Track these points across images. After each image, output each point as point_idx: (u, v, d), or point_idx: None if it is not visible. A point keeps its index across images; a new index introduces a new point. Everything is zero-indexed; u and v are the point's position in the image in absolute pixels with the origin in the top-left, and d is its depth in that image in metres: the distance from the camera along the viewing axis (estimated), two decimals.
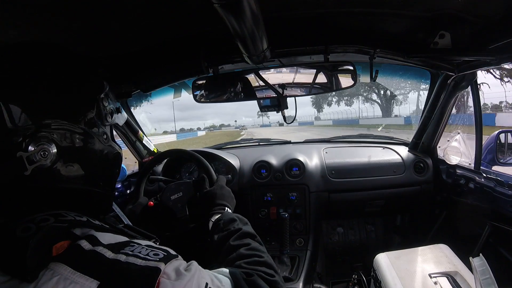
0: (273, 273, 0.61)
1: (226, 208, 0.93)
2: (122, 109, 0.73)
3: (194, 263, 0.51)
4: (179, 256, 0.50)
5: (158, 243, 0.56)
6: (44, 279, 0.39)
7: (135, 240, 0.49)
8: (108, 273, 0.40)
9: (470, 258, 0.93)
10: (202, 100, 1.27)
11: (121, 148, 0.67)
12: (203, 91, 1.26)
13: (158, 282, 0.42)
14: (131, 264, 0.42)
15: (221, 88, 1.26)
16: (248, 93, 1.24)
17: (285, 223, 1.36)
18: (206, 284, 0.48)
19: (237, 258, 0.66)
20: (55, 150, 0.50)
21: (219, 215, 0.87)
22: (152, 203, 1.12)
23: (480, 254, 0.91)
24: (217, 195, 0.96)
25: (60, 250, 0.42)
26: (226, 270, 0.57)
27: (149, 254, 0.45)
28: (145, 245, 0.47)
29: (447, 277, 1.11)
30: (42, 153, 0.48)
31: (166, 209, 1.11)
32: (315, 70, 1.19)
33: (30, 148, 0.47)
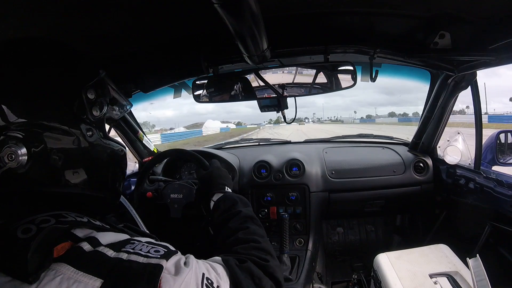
0: (268, 258, 0.62)
1: (226, 187, 0.93)
2: (120, 100, 0.68)
3: (191, 257, 0.51)
4: (179, 252, 0.50)
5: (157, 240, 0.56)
6: (46, 280, 0.39)
7: (135, 238, 0.49)
8: (111, 271, 0.40)
9: (467, 259, 0.93)
10: (202, 100, 1.28)
11: (123, 146, 0.62)
12: (203, 91, 1.27)
13: (160, 278, 0.42)
14: (133, 262, 0.42)
15: (221, 88, 1.26)
16: (248, 93, 1.24)
17: (285, 223, 1.36)
18: (203, 274, 0.49)
19: (234, 242, 0.66)
20: (25, 152, 0.45)
21: (221, 195, 0.87)
22: (151, 194, 1.13)
23: (477, 255, 0.91)
24: (214, 174, 0.95)
25: (61, 252, 0.41)
26: (218, 258, 0.57)
27: (150, 251, 0.45)
28: (145, 242, 0.47)
29: (447, 277, 1.11)
30: (9, 156, 0.44)
31: (162, 205, 1.11)
32: (315, 70, 1.19)
33: None
